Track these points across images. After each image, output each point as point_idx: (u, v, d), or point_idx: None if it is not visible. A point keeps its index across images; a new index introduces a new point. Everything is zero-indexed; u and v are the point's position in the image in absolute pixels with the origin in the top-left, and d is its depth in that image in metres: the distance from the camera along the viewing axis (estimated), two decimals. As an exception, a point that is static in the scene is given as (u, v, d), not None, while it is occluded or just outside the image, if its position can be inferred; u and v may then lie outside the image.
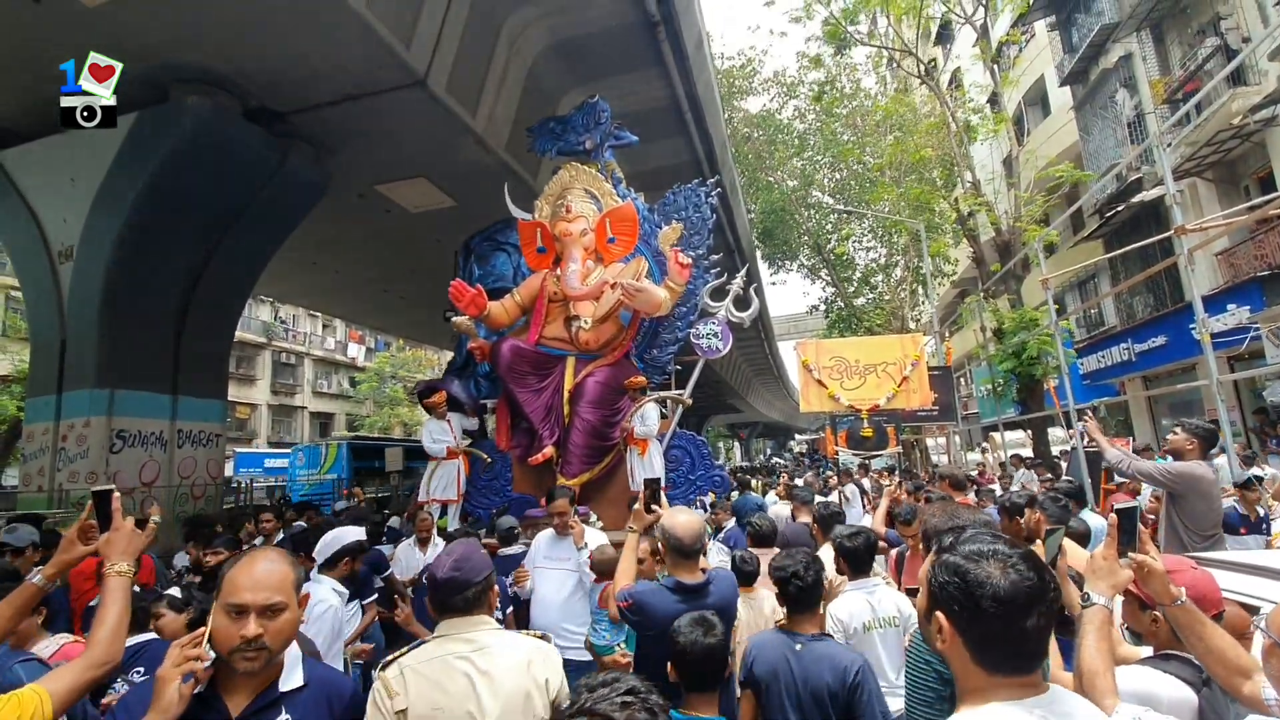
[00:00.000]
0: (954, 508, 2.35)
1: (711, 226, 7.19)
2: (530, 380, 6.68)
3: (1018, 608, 1.10)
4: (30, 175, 8.46)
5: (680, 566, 2.56)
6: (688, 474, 6.73)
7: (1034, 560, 1.16)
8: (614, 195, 7.07)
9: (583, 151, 7.21)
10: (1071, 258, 15.37)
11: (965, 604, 1.14)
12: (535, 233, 7.16)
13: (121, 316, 8.18)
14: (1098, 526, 4.28)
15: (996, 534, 1.27)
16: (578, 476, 6.43)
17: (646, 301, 6.31)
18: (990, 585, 1.12)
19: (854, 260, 22.96)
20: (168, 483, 8.66)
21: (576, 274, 6.67)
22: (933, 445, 21.28)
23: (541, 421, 6.62)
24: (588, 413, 6.49)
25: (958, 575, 1.16)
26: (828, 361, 10.27)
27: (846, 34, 15.47)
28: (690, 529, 2.56)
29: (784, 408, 51.70)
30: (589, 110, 7.31)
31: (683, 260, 6.40)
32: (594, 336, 6.74)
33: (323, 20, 6.54)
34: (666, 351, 7.30)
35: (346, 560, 3.40)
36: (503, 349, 6.63)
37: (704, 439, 7.06)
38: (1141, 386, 14.65)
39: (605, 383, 6.58)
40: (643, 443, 6.22)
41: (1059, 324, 8.83)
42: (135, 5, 6.20)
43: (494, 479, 7.07)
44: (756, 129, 21.76)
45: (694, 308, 7.10)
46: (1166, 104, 12.53)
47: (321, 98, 7.93)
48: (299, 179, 8.94)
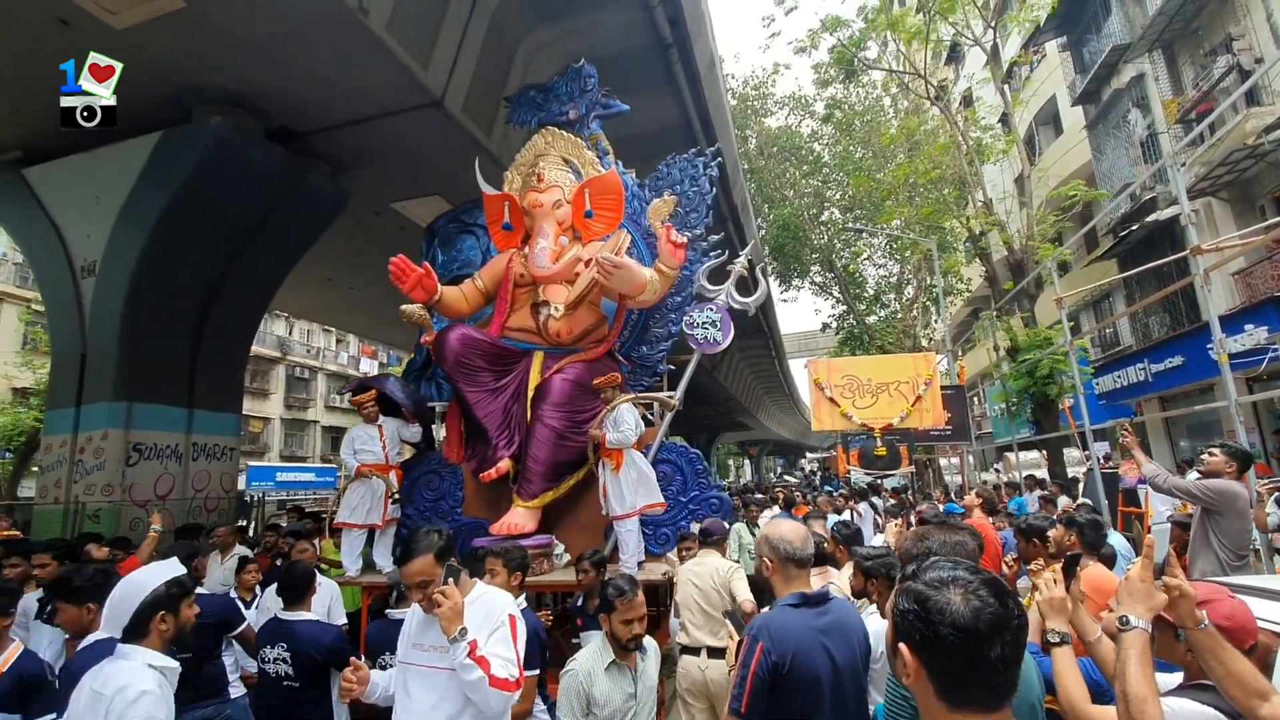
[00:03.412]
0: (928, 530, 2.29)
1: (711, 202, 6.20)
2: (484, 378, 5.54)
3: (979, 636, 1.05)
4: (55, 192, 8.65)
5: (796, 579, 2.23)
6: (678, 495, 5.56)
7: (997, 586, 1.12)
8: (597, 165, 6.13)
9: (566, 122, 6.39)
10: (1085, 277, 15.27)
11: (925, 633, 1.08)
12: (502, 207, 6.03)
13: (141, 330, 8.31)
14: (1121, 548, 4.23)
15: (958, 560, 1.23)
16: (537, 497, 5.33)
17: (626, 281, 5.26)
18: (950, 613, 1.07)
19: (865, 278, 22.94)
20: (182, 495, 8.73)
21: (547, 252, 5.58)
22: (946, 465, 21.06)
23: (498, 429, 5.52)
24: (551, 417, 5.35)
25: (918, 603, 1.11)
26: (840, 380, 10.24)
27: (854, 60, 15.58)
28: (800, 533, 2.29)
29: (795, 425, 51.42)
30: (574, 76, 6.46)
31: (676, 238, 5.33)
32: (566, 326, 5.65)
33: (344, 43, 6.69)
34: (658, 349, 6.19)
35: (161, 616, 2.15)
36: (449, 338, 5.44)
37: (698, 452, 5.85)
38: (1159, 407, 14.46)
39: (576, 381, 5.45)
40: (616, 454, 5.04)
41: (1074, 343, 8.76)
42: (161, 28, 6.37)
43: (440, 499, 5.91)
44: (771, 144, 21.90)
45: (690, 297, 6.02)
46: (1180, 123, 12.51)
47: (340, 118, 8.09)
48: (317, 197, 9.09)
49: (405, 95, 7.60)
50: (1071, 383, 9.64)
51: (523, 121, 6.63)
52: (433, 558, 2.24)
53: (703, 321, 5.88)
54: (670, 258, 5.37)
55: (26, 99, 7.49)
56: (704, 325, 5.87)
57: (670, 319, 6.10)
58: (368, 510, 5.40)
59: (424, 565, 2.23)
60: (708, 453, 38.55)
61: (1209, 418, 12.97)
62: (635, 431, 5.07)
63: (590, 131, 6.36)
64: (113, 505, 7.94)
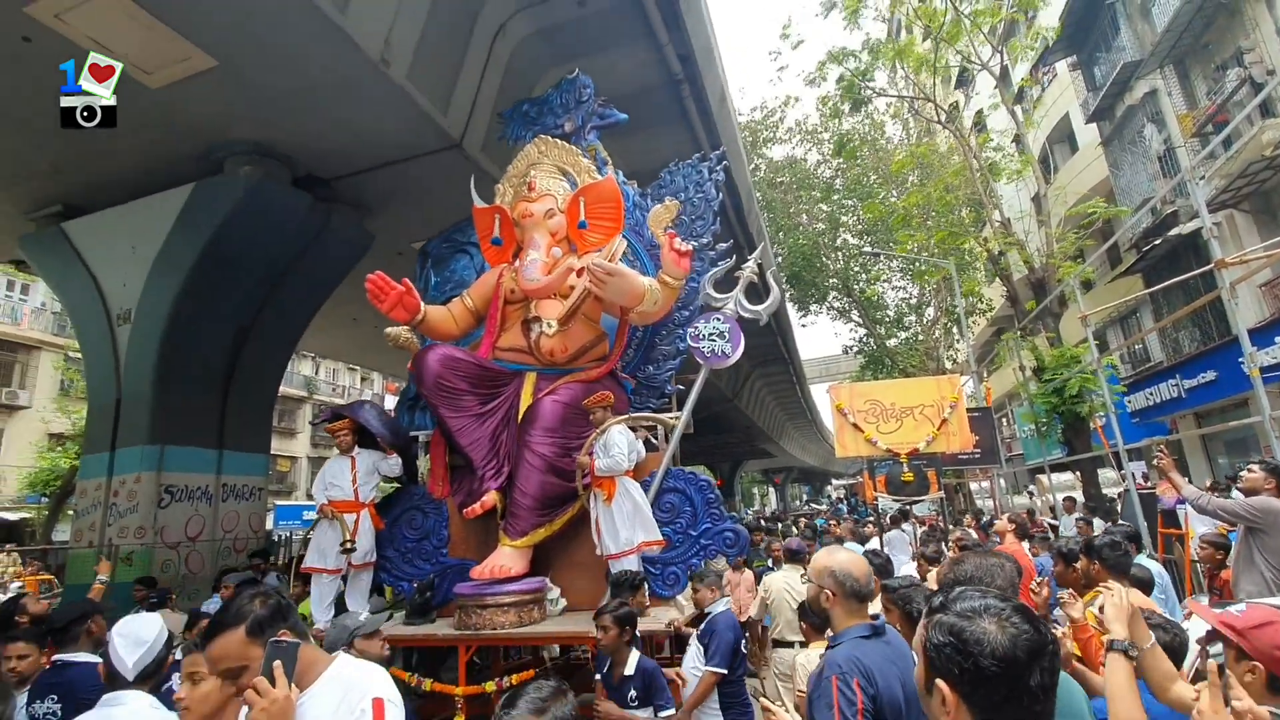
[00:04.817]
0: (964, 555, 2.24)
1: (717, 209, 5.83)
2: (467, 401, 5.04)
3: (1020, 664, 1.04)
4: (93, 244, 8.99)
5: (856, 613, 2.15)
6: (687, 528, 4.93)
7: (1028, 613, 1.12)
8: (594, 174, 5.67)
9: (562, 136, 6.04)
10: (1109, 293, 15.07)
11: (965, 666, 1.06)
12: (493, 220, 5.65)
13: (174, 375, 8.53)
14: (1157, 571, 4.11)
15: (984, 588, 1.22)
16: (526, 535, 4.74)
17: (621, 290, 4.78)
18: (989, 643, 1.05)
19: (885, 301, 22.81)
20: (212, 536, 8.85)
21: (537, 264, 5.13)
22: (976, 489, 20.61)
23: (484, 458, 5.01)
24: (541, 444, 4.79)
25: (953, 635, 1.09)
26: (863, 405, 10.09)
27: (861, 90, 15.74)
28: (862, 567, 2.20)
29: (819, 451, 50.77)
30: (568, 87, 6.13)
31: (680, 246, 4.81)
32: (560, 344, 5.19)
33: (367, 92, 6.95)
34: (665, 368, 5.69)
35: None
36: (427, 358, 4.98)
37: (708, 479, 5.20)
38: (1194, 423, 14.08)
39: (569, 403, 4.91)
40: (608, 483, 4.55)
41: (1101, 360, 8.61)
42: (194, 86, 6.67)
43: (423, 539, 5.40)
44: (780, 174, 22.08)
45: (698, 310, 5.50)
46: (1196, 137, 12.43)
47: (363, 164, 8.36)
48: (341, 240, 9.34)
49: (425, 139, 7.85)
50: (1102, 401, 9.44)
51: (516, 137, 6.33)
52: (243, 634, 1.53)
53: (709, 333, 5.28)
54: (674, 267, 4.83)
55: (67, 157, 7.86)
56: (711, 337, 5.27)
57: (678, 335, 5.62)
58: (337, 553, 4.90)
59: (230, 646, 1.53)
60: (731, 481, 38.18)
61: (1246, 432, 12.58)
62: (628, 457, 4.59)
63: (587, 143, 5.97)
64: (145, 547, 8.07)
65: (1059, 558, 3.80)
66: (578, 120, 6.03)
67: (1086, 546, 3.54)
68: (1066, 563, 3.69)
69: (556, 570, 4.98)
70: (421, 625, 4.71)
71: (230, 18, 5.87)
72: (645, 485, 4.92)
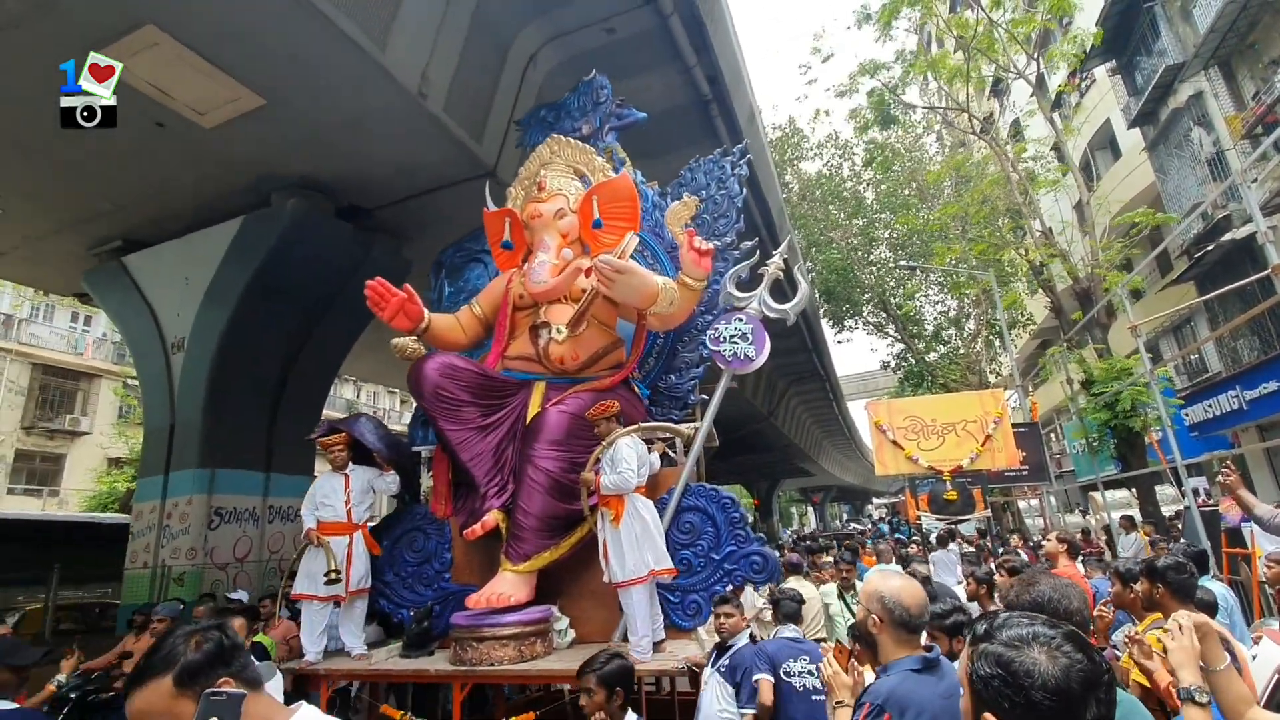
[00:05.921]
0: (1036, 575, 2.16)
1: (740, 206, 5.46)
2: (469, 413, 4.65)
3: (1074, 697, 0.98)
4: (150, 276, 9.42)
5: (905, 643, 2.05)
6: (709, 552, 4.45)
7: (1080, 640, 1.05)
8: (609, 173, 5.37)
9: (580, 139, 5.81)
10: (1160, 302, 14.52)
11: (1016, 699, 1.00)
12: (503, 224, 5.41)
13: (224, 400, 8.84)
14: (1222, 594, 3.90)
15: (1033, 615, 1.15)
16: (530, 559, 4.31)
17: (632, 288, 4.43)
18: (1039, 674, 1.00)
19: (923, 315, 22.40)
20: (258, 558, 9.07)
21: (546, 266, 4.81)
22: (1025, 507, 19.88)
23: (487, 474, 4.59)
24: (545, 458, 4.39)
25: (1001, 666, 1.04)
26: (902, 421, 9.87)
27: (891, 105, 15.63)
28: (916, 594, 2.09)
29: (858, 470, 49.72)
30: (585, 89, 5.93)
31: (700, 245, 4.44)
32: (570, 351, 4.80)
33: (405, 125, 7.19)
34: (688, 377, 5.27)
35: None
36: (425, 367, 4.67)
37: (732, 496, 4.68)
38: (1257, 436, 13.39)
39: (576, 414, 4.49)
40: (616, 502, 4.10)
41: (1154, 372, 8.28)
42: (244, 124, 6.99)
43: (424, 562, 5.07)
44: (813, 189, 21.99)
45: (721, 314, 5.10)
46: (1247, 139, 11.99)
47: (402, 193, 8.62)
48: (382, 267, 9.53)
49: (461, 168, 8.07)
50: (1157, 415, 9.06)
51: (534, 144, 6.08)
52: (170, 684, 1.19)
53: (731, 335, 4.84)
54: (694, 268, 4.46)
55: (127, 196, 8.29)
56: (732, 339, 4.84)
57: (701, 341, 5.15)
58: (325, 583, 4.49)
59: (153, 699, 1.19)
60: (769, 500, 37.61)
61: (1318, 447, 11.92)
62: (638, 472, 4.13)
63: (606, 145, 5.73)
64: (195, 568, 8.31)
65: (1116, 578, 3.63)
66: (595, 122, 5.81)
67: (1148, 568, 3.38)
68: (1124, 583, 3.53)
69: (567, 599, 4.57)
70: (418, 658, 4.38)
71: (277, 59, 6.16)
72: (662, 504, 4.49)
